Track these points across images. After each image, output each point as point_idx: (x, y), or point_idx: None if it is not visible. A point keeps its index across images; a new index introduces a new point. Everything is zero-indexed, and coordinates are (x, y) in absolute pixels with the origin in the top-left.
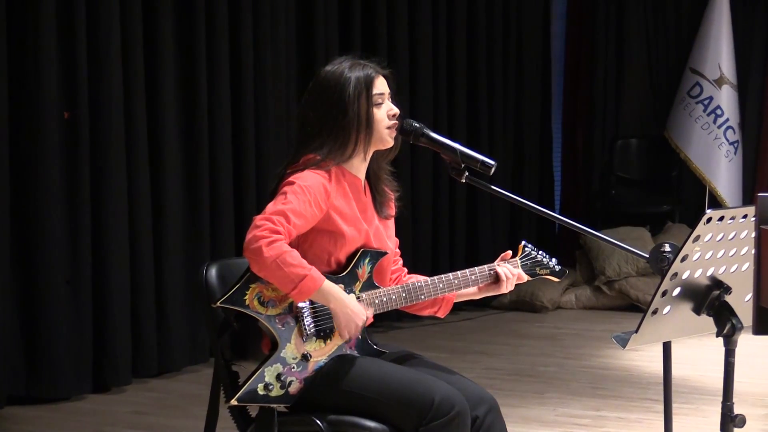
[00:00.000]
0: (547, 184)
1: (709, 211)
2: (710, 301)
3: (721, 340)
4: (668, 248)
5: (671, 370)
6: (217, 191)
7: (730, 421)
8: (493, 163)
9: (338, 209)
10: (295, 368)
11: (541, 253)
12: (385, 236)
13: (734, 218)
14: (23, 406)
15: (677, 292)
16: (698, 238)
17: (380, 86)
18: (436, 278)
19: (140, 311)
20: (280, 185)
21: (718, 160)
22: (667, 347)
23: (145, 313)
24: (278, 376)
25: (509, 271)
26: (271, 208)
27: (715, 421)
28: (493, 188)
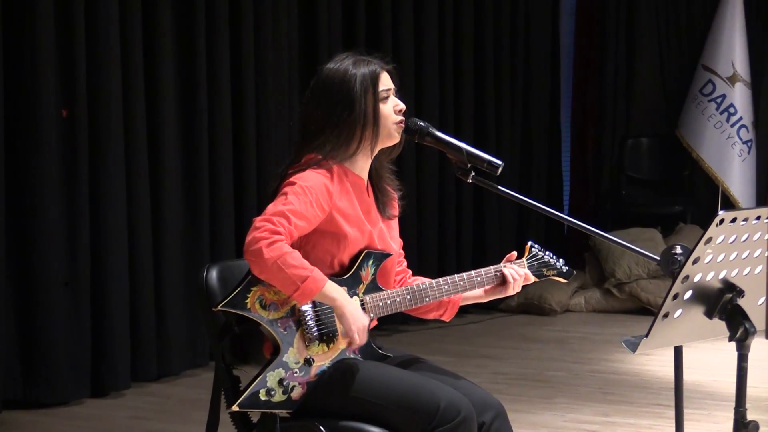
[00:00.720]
0: (555, 184)
1: (721, 212)
2: (722, 304)
3: (733, 344)
4: (679, 250)
5: (683, 375)
6: (217, 191)
7: (742, 427)
8: (500, 162)
9: (341, 210)
10: (297, 373)
11: (548, 253)
12: (388, 237)
13: (747, 220)
14: (20, 410)
15: (689, 295)
16: (710, 239)
17: (386, 82)
18: (441, 280)
19: (139, 314)
20: (281, 185)
21: (731, 159)
22: (678, 352)
23: (144, 315)
24: (280, 381)
25: (516, 272)
26: (271, 209)
27: (727, 427)
28: (500, 189)
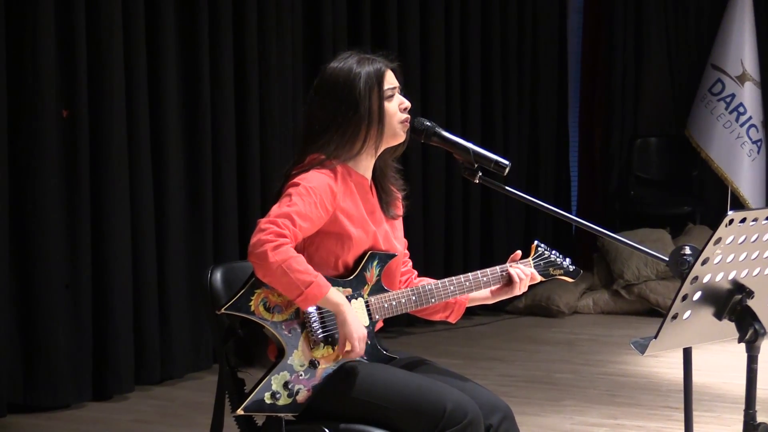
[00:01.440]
0: (563, 184)
1: (730, 212)
2: (732, 305)
3: (743, 345)
4: (689, 251)
5: (692, 376)
6: (220, 191)
7: (752, 429)
8: (507, 163)
9: (345, 211)
10: (302, 376)
11: (554, 252)
12: (393, 238)
13: (757, 220)
14: (22, 414)
15: (698, 296)
16: (719, 240)
17: (390, 79)
18: (446, 280)
19: (142, 316)
20: (284, 186)
21: (740, 159)
22: (687, 353)
23: (147, 317)
24: (285, 384)
25: (522, 271)
26: (275, 210)
27: (737, 429)
28: (507, 189)
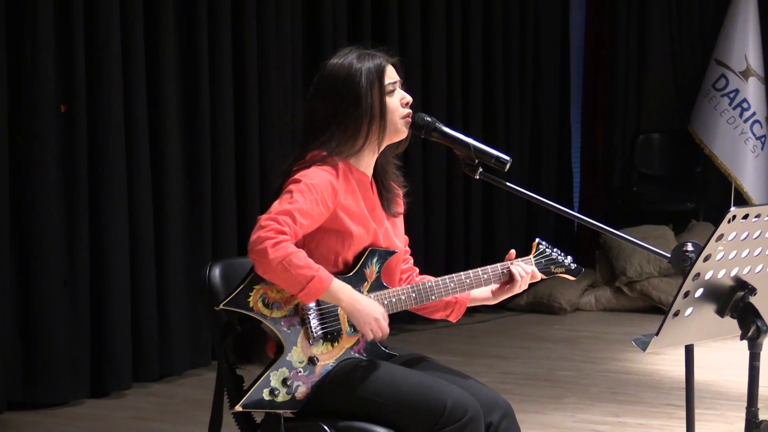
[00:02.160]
0: (565, 180)
1: (732, 208)
2: (734, 302)
3: (745, 343)
4: (691, 247)
5: (694, 374)
6: (219, 187)
7: (754, 427)
8: (508, 158)
9: (346, 207)
10: (301, 372)
11: (555, 250)
12: (393, 235)
13: (759, 216)
14: (20, 411)
15: (700, 293)
16: (722, 236)
17: (391, 74)
18: (447, 278)
19: (141, 313)
20: (285, 183)
21: (744, 155)
22: (689, 351)
23: (145, 314)
24: (284, 380)
25: (522, 269)
26: (276, 207)
27: (739, 427)
28: (508, 185)
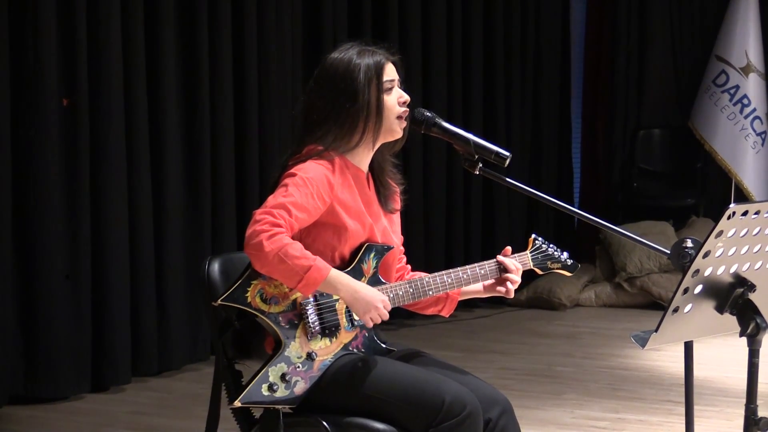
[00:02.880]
0: (565, 176)
1: (732, 205)
2: (733, 299)
3: (744, 339)
4: (690, 244)
5: (693, 370)
6: (219, 182)
7: (754, 424)
8: (507, 154)
9: (342, 202)
10: (300, 368)
11: (551, 246)
12: (390, 231)
13: (759, 213)
14: (20, 405)
15: (699, 289)
16: (721, 233)
17: (390, 72)
18: (443, 273)
19: (140, 308)
20: (281, 176)
21: (744, 151)
22: (688, 347)
23: (145, 309)
24: (283, 375)
25: (516, 264)
26: (271, 201)
27: (738, 424)
28: (508, 181)
